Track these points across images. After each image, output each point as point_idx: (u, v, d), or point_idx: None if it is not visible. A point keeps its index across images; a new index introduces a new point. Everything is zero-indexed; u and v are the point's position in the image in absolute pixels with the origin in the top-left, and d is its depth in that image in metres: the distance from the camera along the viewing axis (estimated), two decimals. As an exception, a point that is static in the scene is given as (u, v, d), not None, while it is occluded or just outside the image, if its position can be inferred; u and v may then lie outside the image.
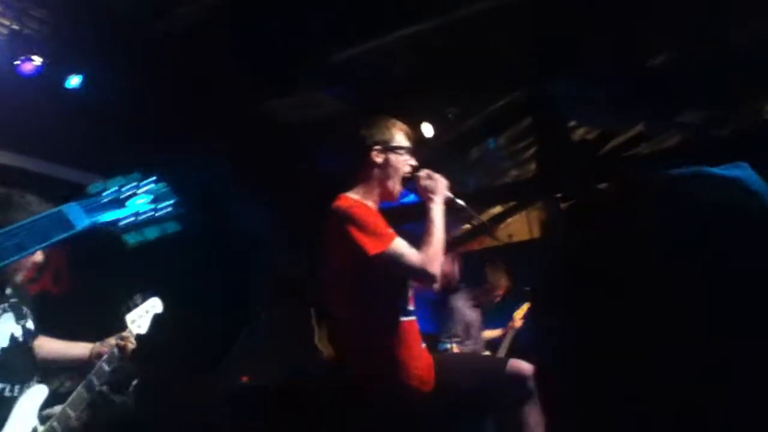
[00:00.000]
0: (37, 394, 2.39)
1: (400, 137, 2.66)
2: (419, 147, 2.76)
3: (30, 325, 2.52)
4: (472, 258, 7.76)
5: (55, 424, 2.38)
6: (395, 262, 2.37)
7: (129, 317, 2.94)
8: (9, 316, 2.40)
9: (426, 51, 4.39)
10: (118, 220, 1.43)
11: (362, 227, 2.37)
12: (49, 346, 2.68)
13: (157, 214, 1.48)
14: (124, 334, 2.80)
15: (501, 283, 6.11)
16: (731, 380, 0.65)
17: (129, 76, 4.12)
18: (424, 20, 3.94)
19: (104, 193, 1.43)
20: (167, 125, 4.54)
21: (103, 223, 1.42)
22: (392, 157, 2.60)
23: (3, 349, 2.30)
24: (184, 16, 3.76)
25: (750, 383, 0.65)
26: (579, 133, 7.55)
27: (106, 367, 2.67)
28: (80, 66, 4.31)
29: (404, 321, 2.53)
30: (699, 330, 0.67)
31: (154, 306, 3.09)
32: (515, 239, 10.49)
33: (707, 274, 0.68)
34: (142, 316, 2.99)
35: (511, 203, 9.62)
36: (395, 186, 2.63)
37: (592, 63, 4.62)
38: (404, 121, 2.77)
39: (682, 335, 0.67)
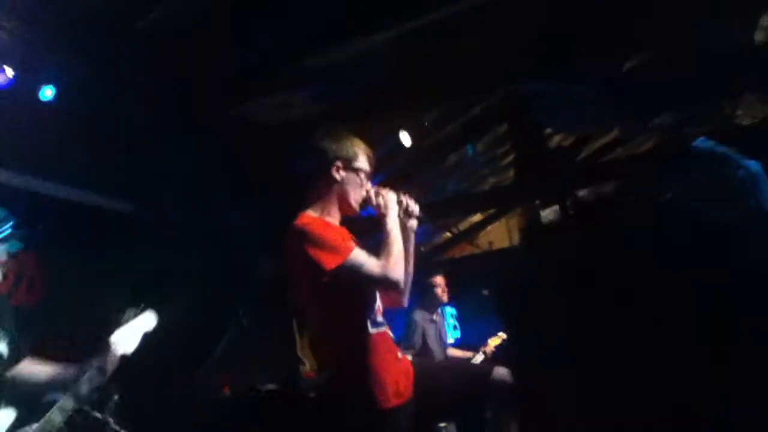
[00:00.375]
0: (2, 418, 2.32)
1: (362, 159, 2.71)
2: (376, 171, 2.81)
3: (1, 348, 2.46)
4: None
5: None
6: (355, 272, 2.41)
7: (114, 337, 2.80)
8: None
9: (403, 56, 4.41)
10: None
11: (317, 243, 2.41)
12: (30, 369, 2.61)
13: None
14: (103, 352, 2.73)
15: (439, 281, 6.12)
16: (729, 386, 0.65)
17: (103, 85, 4.09)
18: (400, 25, 3.96)
19: None
20: (143, 134, 4.50)
21: None
22: (352, 176, 2.65)
23: None
24: (161, 20, 3.73)
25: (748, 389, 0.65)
26: (555, 140, 7.63)
27: (84, 391, 2.60)
28: (54, 77, 4.26)
29: (374, 333, 2.53)
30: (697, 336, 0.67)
31: (145, 322, 2.95)
32: (495, 246, 10.57)
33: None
34: (129, 335, 2.85)
35: (491, 210, 9.69)
36: (351, 206, 2.69)
37: (568, 67, 4.66)
38: (367, 144, 2.80)
39: (680, 341, 0.67)
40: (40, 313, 4.03)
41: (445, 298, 6.10)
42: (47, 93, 4.37)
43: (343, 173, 2.64)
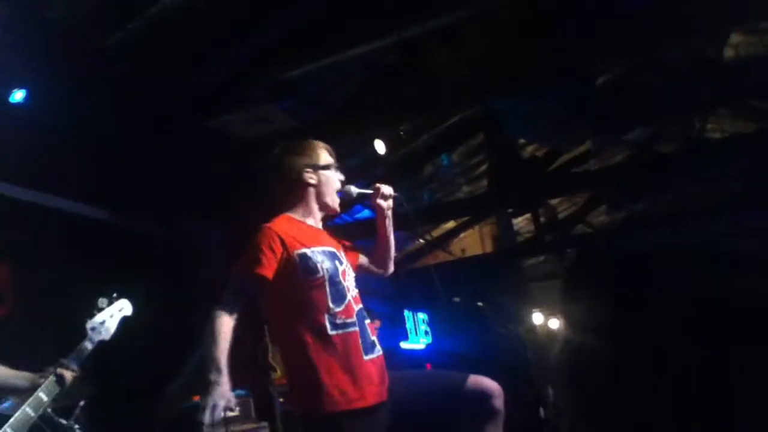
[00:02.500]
0: None
1: (325, 156, 2.83)
2: (341, 163, 2.90)
3: None
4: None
5: None
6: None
7: (89, 324, 2.78)
8: None
9: (373, 72, 4.45)
10: None
11: (252, 248, 2.55)
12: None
13: None
14: (63, 361, 2.69)
15: None
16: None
17: (75, 91, 4.04)
18: (376, 38, 3.99)
19: None
20: (114, 141, 4.46)
21: None
22: (323, 175, 2.77)
23: None
24: (134, 31, 3.71)
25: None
26: (529, 150, 7.71)
27: (44, 398, 2.57)
28: (25, 80, 4.20)
29: (334, 335, 2.48)
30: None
31: (121, 309, 2.92)
32: (468, 253, 10.66)
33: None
34: (105, 321, 2.82)
35: (464, 218, 9.76)
36: (332, 200, 2.81)
37: (540, 81, 4.73)
38: (327, 141, 2.92)
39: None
40: (9, 326, 3.97)
41: None
42: (18, 96, 4.31)
43: (314, 177, 2.75)
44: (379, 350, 2.63)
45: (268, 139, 4.51)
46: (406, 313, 9.79)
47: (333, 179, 2.80)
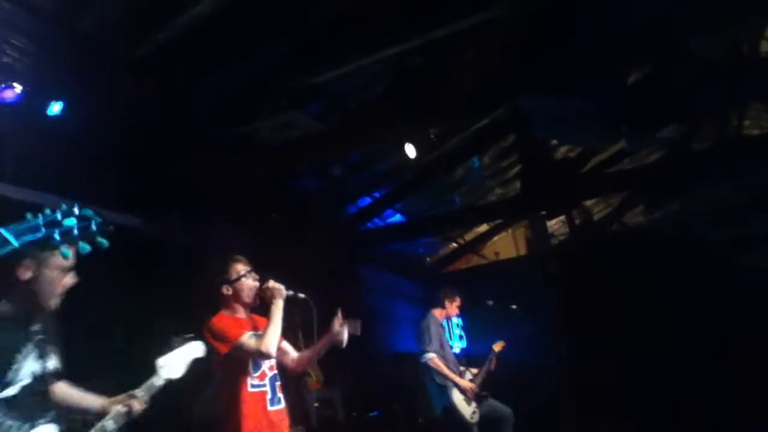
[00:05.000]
0: None
1: (239, 267, 3.53)
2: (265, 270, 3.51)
3: (51, 364, 2.43)
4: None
5: None
6: (240, 351, 3.34)
7: (160, 361, 2.83)
8: (34, 354, 2.33)
9: (399, 75, 4.44)
10: (51, 237, 1.66)
11: (216, 335, 3.34)
12: (63, 391, 2.60)
13: (85, 232, 1.71)
14: (136, 392, 2.72)
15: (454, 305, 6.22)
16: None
17: (106, 101, 4.12)
18: (403, 41, 3.98)
19: (35, 219, 1.68)
20: (146, 149, 4.52)
21: (38, 240, 1.65)
22: (236, 285, 3.50)
23: (23, 386, 2.24)
24: (164, 41, 3.77)
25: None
26: (562, 151, 7.62)
27: (111, 426, 2.60)
28: (61, 93, 4.30)
29: (252, 392, 3.36)
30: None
31: (193, 350, 2.99)
32: (502, 257, 10.56)
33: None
34: (175, 360, 2.88)
35: (497, 221, 9.67)
36: (248, 298, 3.52)
37: (570, 81, 4.67)
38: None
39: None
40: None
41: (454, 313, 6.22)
42: (55, 108, 4.41)
43: (230, 289, 3.51)
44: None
45: (295, 144, 4.54)
46: (441, 317, 9.75)
47: (247, 287, 3.50)
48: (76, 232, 1.68)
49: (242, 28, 3.86)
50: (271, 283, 3.49)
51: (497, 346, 6.40)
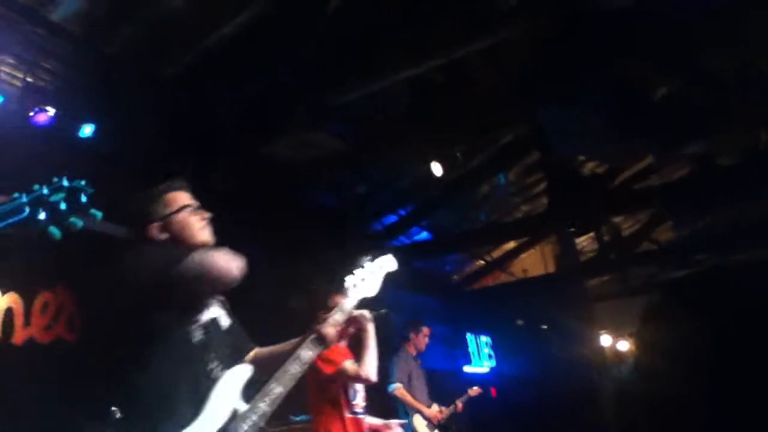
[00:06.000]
0: (242, 372, 2.26)
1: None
2: None
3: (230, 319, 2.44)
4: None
5: (262, 403, 2.19)
6: (344, 375, 3.52)
7: (349, 280, 2.65)
8: (218, 308, 2.34)
9: (417, 94, 4.48)
10: (34, 217, 1.50)
11: (323, 357, 3.32)
12: (261, 352, 2.55)
13: (75, 205, 1.54)
14: (326, 316, 2.53)
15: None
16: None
17: (135, 122, 4.21)
18: (424, 60, 4.02)
19: (20, 198, 1.51)
20: (173, 169, 4.61)
21: (20, 221, 1.49)
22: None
23: (223, 330, 2.26)
24: (190, 63, 3.86)
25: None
26: (589, 167, 7.57)
27: (308, 353, 2.32)
28: (92, 115, 4.40)
29: (349, 417, 3.58)
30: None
31: (384, 265, 2.79)
32: (530, 274, 10.47)
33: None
34: (366, 278, 2.69)
35: (524, 238, 9.61)
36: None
37: (593, 96, 4.66)
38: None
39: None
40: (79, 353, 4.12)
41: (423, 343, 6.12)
42: (87, 130, 4.52)
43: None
44: None
45: (318, 162, 4.59)
46: (469, 336, 9.67)
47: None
48: (63, 206, 1.53)
49: (266, 48, 3.93)
50: (356, 312, 3.04)
51: (473, 391, 6.44)
